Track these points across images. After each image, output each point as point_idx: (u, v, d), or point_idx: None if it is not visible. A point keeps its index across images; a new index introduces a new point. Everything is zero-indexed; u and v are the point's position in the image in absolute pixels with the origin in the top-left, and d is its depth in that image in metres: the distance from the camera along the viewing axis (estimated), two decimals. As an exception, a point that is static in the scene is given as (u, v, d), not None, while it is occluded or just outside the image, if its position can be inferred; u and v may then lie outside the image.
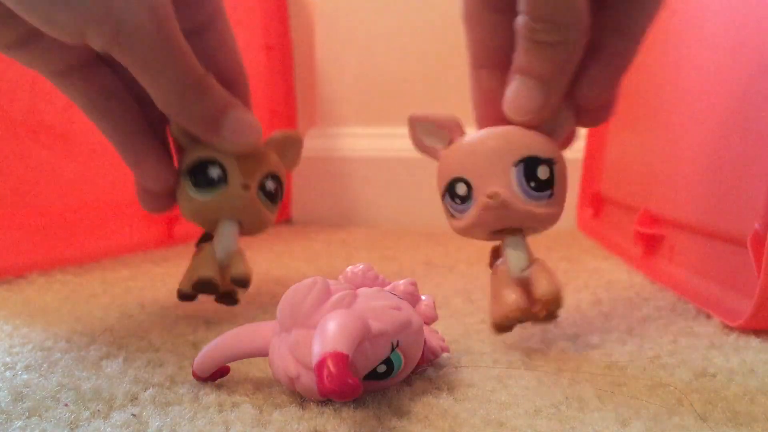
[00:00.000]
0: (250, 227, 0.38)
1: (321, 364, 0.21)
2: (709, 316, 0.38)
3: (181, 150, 0.38)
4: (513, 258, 0.31)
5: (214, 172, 0.36)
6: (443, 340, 0.30)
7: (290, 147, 0.40)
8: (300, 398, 0.26)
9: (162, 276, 0.50)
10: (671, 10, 0.46)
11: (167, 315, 0.39)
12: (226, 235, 0.37)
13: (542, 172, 0.29)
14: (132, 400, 0.26)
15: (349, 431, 0.23)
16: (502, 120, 0.31)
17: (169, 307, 0.41)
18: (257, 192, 0.37)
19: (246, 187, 0.36)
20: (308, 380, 0.24)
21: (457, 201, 0.30)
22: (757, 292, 0.32)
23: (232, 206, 0.36)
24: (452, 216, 0.31)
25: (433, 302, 0.31)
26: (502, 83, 0.31)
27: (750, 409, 0.24)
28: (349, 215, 0.89)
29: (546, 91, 0.29)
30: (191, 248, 0.39)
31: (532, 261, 0.31)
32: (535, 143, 0.29)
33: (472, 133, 0.31)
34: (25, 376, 0.28)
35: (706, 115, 0.43)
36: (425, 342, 0.27)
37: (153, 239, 0.65)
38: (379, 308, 0.25)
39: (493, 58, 0.32)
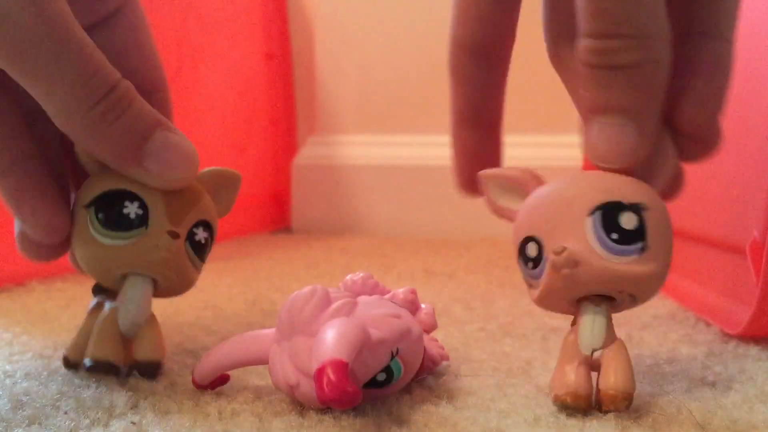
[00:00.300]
0: (167, 288, 0.29)
1: (320, 371, 0.22)
2: (708, 324, 0.38)
3: (84, 175, 0.29)
4: (584, 331, 0.25)
5: (132, 210, 0.27)
6: (443, 348, 0.30)
7: (225, 188, 0.31)
8: (299, 406, 0.26)
9: (162, 284, 0.50)
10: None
11: (166, 323, 0.39)
12: (137, 298, 0.28)
13: (627, 221, 0.23)
14: (132, 408, 0.26)
15: (348, 439, 0.23)
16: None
17: (168, 315, 0.41)
18: (184, 243, 0.28)
19: (175, 235, 0.27)
20: (308, 388, 0.24)
21: (530, 266, 0.25)
22: (756, 300, 0.32)
23: (150, 259, 0.27)
24: (530, 285, 0.26)
25: (433, 310, 0.31)
26: (487, 144, 0.30)
27: (749, 417, 0.24)
28: (348, 223, 0.89)
29: (638, 127, 0.24)
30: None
31: (609, 340, 0.25)
32: (616, 186, 0.24)
33: (546, 185, 0.26)
34: (24, 384, 0.28)
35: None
36: (425, 350, 0.27)
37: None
38: (379, 316, 0.25)
39: (480, 118, 0.30)
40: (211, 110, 0.74)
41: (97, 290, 0.30)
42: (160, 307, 0.43)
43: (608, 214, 0.24)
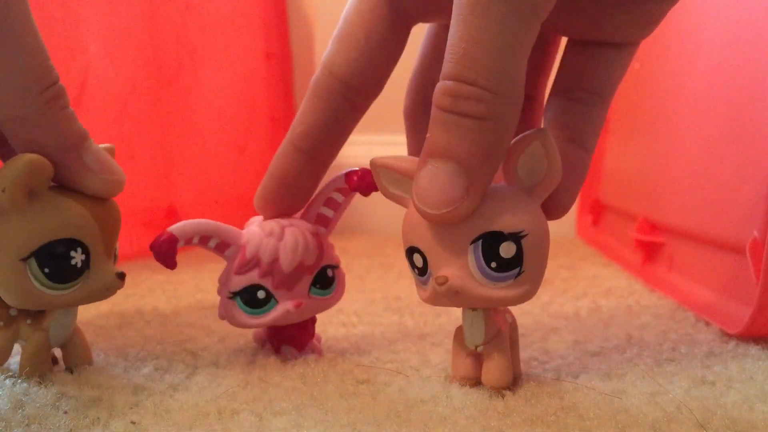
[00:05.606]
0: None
1: None
2: (708, 324, 0.38)
3: None
4: (467, 332, 0.27)
5: (78, 259, 0.26)
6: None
7: None
8: (299, 406, 0.26)
9: (162, 284, 0.50)
10: (669, 17, 0.47)
11: (167, 323, 0.39)
12: (68, 322, 0.29)
13: (506, 250, 0.25)
14: (132, 408, 0.26)
15: (348, 439, 0.23)
16: None
17: (168, 315, 0.41)
18: None
19: (122, 276, 0.28)
20: None
21: (417, 272, 0.27)
22: (756, 300, 0.32)
23: (98, 298, 0.28)
24: (417, 283, 0.27)
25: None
26: (308, 176, 0.31)
27: (749, 417, 0.24)
28: (348, 223, 0.88)
29: (468, 180, 0.23)
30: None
31: (490, 336, 0.27)
32: (498, 214, 0.25)
33: None
34: (24, 384, 0.28)
35: (704, 123, 0.44)
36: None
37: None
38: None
39: (317, 149, 0.31)
40: (210, 110, 0.74)
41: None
42: (159, 307, 0.43)
43: (489, 244, 0.25)
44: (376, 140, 0.89)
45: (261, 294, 0.30)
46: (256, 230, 0.30)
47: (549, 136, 0.25)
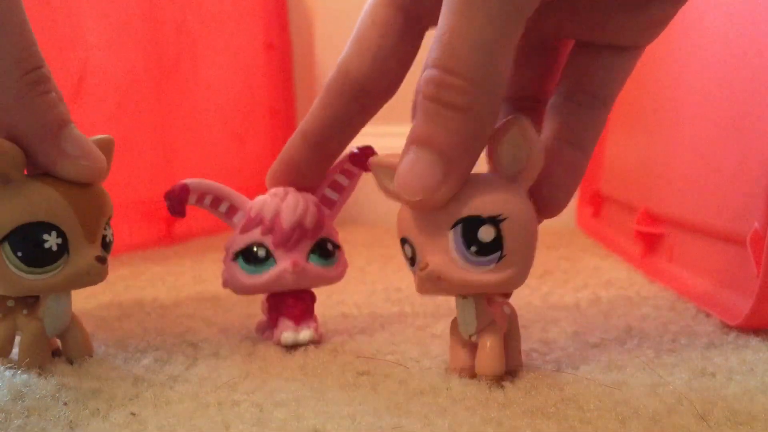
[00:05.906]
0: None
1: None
2: (708, 315, 0.38)
3: None
4: (461, 322, 0.28)
5: (53, 242, 0.26)
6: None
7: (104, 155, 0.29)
8: (299, 397, 0.26)
9: (161, 275, 0.50)
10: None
11: (167, 314, 0.39)
12: (61, 312, 0.29)
13: (485, 234, 0.25)
14: (131, 399, 0.26)
15: (348, 430, 0.23)
16: None
17: (168, 306, 0.41)
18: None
19: (102, 260, 0.28)
20: None
21: (409, 262, 0.27)
22: (756, 291, 0.32)
23: (79, 283, 0.28)
24: (412, 273, 0.27)
25: None
26: (314, 169, 0.33)
27: (749, 408, 0.24)
28: (349, 214, 0.88)
29: (446, 169, 0.24)
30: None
31: (482, 325, 0.27)
32: (477, 198, 0.25)
33: None
34: (24, 376, 0.28)
35: (705, 115, 0.43)
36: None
37: (152, 238, 0.65)
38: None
39: (326, 145, 0.33)
40: (210, 101, 0.74)
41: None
42: (159, 299, 0.43)
43: (468, 228, 0.25)
44: (378, 131, 0.89)
45: (261, 252, 0.32)
46: (262, 196, 0.33)
47: (525, 121, 0.25)
